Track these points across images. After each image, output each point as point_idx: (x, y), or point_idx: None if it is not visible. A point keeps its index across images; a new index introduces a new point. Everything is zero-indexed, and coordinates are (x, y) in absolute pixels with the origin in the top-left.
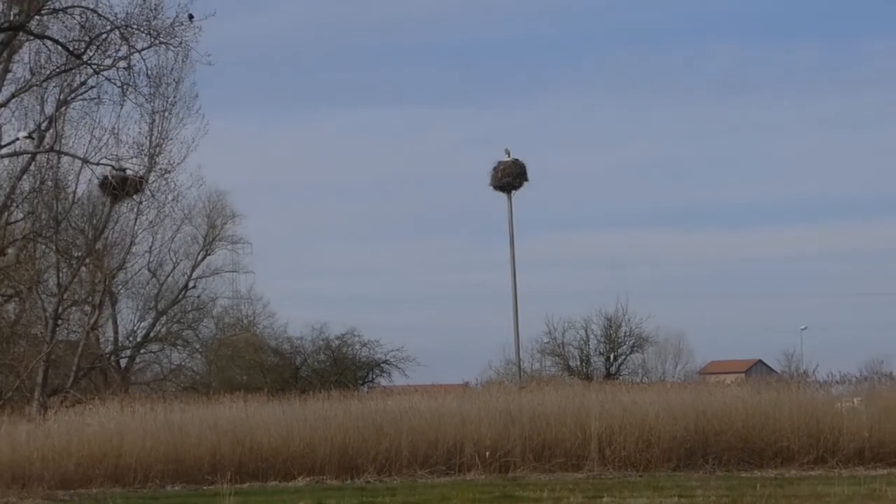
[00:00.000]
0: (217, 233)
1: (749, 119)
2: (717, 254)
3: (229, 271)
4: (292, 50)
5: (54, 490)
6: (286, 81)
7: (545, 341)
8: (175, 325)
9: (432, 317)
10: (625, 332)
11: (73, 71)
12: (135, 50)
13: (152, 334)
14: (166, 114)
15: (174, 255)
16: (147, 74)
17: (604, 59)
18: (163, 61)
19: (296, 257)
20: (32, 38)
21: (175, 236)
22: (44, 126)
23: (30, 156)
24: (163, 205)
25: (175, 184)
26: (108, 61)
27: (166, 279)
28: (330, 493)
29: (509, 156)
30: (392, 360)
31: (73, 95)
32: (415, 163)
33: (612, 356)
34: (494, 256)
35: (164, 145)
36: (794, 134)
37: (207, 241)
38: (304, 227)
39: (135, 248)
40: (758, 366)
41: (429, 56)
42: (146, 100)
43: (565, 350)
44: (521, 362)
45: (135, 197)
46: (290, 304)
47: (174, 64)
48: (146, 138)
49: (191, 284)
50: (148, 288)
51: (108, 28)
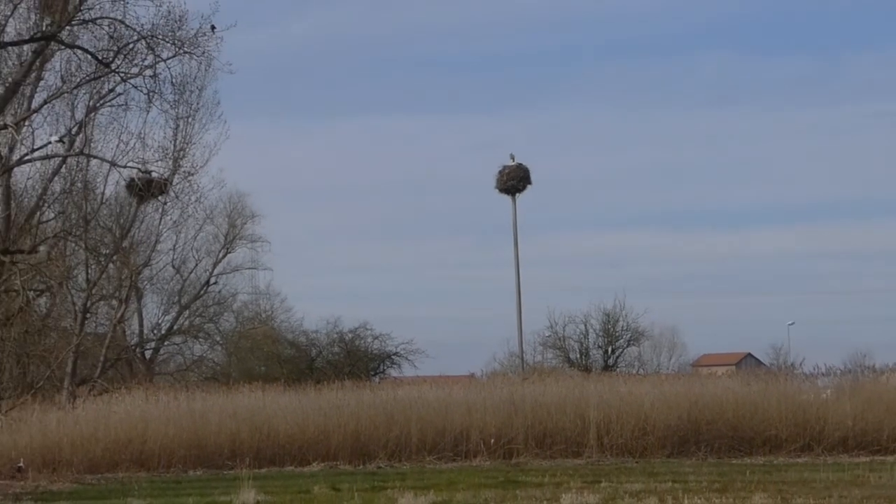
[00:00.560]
0: (237, 232)
1: (738, 126)
2: (709, 253)
3: (249, 268)
4: (309, 60)
5: (82, 474)
6: (303, 90)
7: (547, 335)
8: (197, 318)
9: (440, 312)
10: (622, 327)
11: (102, 79)
12: (160, 59)
13: (175, 327)
14: (190, 119)
15: (196, 252)
16: (172, 82)
17: (603, 70)
18: (186, 70)
19: (312, 255)
20: (64, 47)
21: (197, 235)
22: (74, 131)
23: (61, 159)
24: (186, 205)
25: (198, 186)
26: (134, 70)
27: (189, 275)
28: (343, 478)
29: (514, 160)
30: (402, 352)
31: (101, 102)
32: (424, 166)
33: (609, 349)
34: (499, 255)
35: (187, 149)
36: (780, 140)
37: (228, 240)
38: (319, 227)
39: (159, 246)
40: (747, 359)
41: (437, 66)
42: (171, 106)
43: (566, 343)
44: (523, 355)
45: (160, 198)
46: (306, 300)
47: (197, 72)
48: (171, 143)
49: (212, 280)
50: (172, 284)
51: (135, 38)
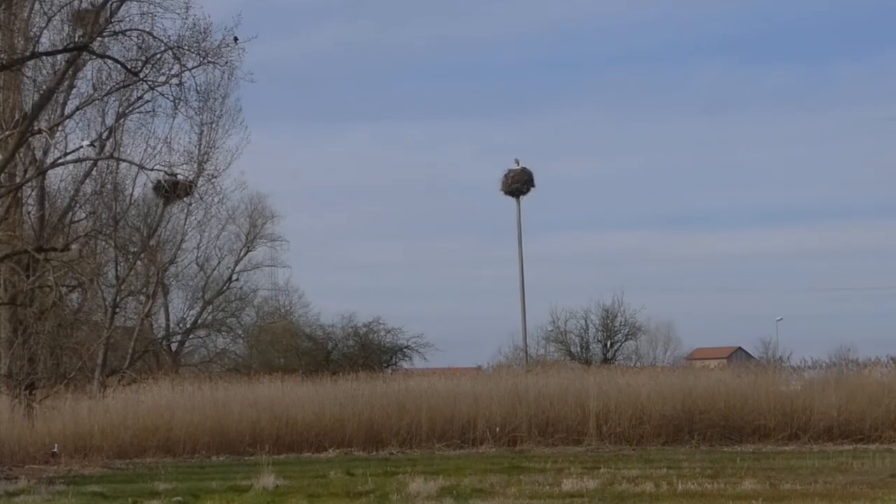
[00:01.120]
0: (258, 231)
1: (731, 133)
2: (702, 253)
3: (268, 266)
4: (326, 69)
5: (112, 459)
6: (320, 97)
7: (549, 329)
8: (220, 313)
9: (449, 307)
10: (620, 322)
11: (131, 87)
12: (186, 68)
13: (200, 321)
14: (213, 125)
15: (219, 251)
16: (196, 90)
17: (602, 80)
18: (211, 78)
19: (328, 254)
20: (95, 57)
21: (220, 234)
22: (104, 136)
23: (92, 162)
24: (210, 206)
25: (221, 188)
26: (161, 78)
27: (212, 272)
28: (357, 464)
29: (518, 165)
30: (413, 345)
31: (130, 109)
32: (434, 170)
33: (608, 343)
34: (504, 254)
35: (211, 153)
36: (768, 146)
37: (249, 239)
38: (335, 226)
39: (184, 245)
40: (738, 352)
41: (447, 76)
42: (195, 113)
43: (567, 337)
44: (527, 348)
45: (185, 199)
46: (323, 295)
47: (221, 81)
48: (195, 147)
49: (234, 277)
50: (196, 280)
51: (162, 49)
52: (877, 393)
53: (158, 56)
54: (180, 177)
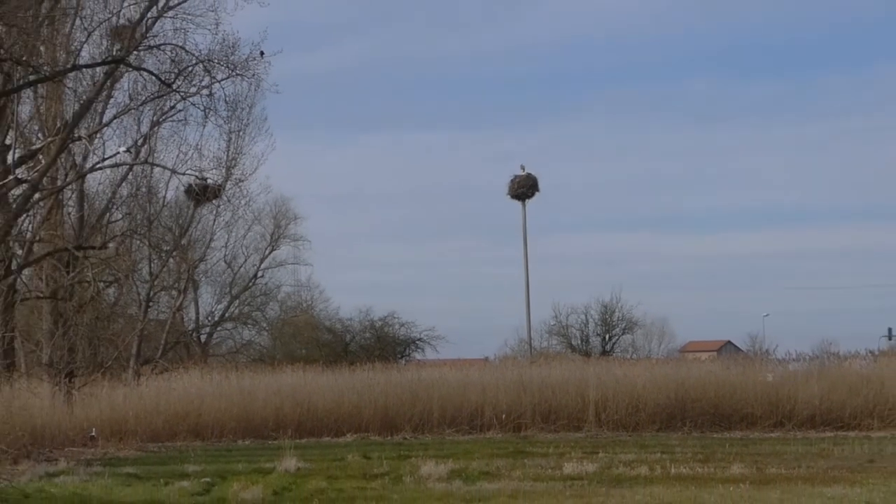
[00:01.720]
0: (282, 232)
1: (721, 141)
2: (695, 252)
3: (291, 263)
4: (346, 81)
5: (146, 443)
6: (340, 107)
7: (552, 324)
8: (246, 307)
9: (458, 303)
10: (618, 317)
11: (164, 97)
12: (215, 80)
13: (227, 315)
14: (241, 133)
15: (246, 249)
16: (225, 100)
17: (602, 92)
18: (238, 90)
19: (347, 253)
20: (131, 69)
21: (247, 234)
22: (139, 142)
23: (128, 167)
24: (237, 208)
25: (247, 191)
26: (193, 89)
27: (239, 269)
28: (373, 447)
29: (524, 171)
30: (425, 338)
31: (163, 117)
32: (445, 176)
33: (607, 336)
34: (510, 253)
35: (238, 159)
36: (757, 154)
37: (273, 239)
38: (354, 227)
39: (213, 244)
40: (727, 346)
41: (457, 87)
42: (224, 121)
43: (568, 331)
44: (531, 341)
45: (214, 202)
46: (342, 291)
47: (248, 92)
48: (224, 153)
49: (259, 274)
50: (224, 276)
51: (193, 62)
52: (856, 384)
53: (190, 69)
54: (210, 181)
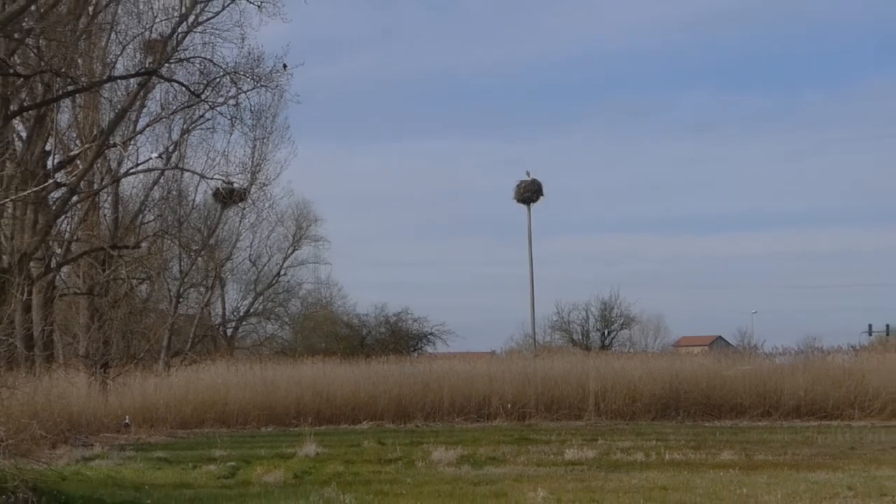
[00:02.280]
0: (303, 233)
1: (712, 150)
2: (689, 253)
3: (312, 262)
4: (363, 91)
5: (175, 429)
6: (358, 116)
7: (554, 319)
8: (269, 303)
9: (467, 300)
10: (616, 314)
11: (194, 107)
12: (241, 91)
13: (252, 310)
14: (265, 140)
15: (269, 249)
16: (251, 110)
17: (603, 103)
18: (263, 100)
19: (364, 252)
20: (163, 81)
21: (270, 235)
22: (170, 149)
23: (159, 172)
24: (261, 211)
25: (271, 194)
26: (220, 100)
27: (263, 268)
28: (388, 434)
29: (529, 176)
30: (436, 332)
31: (193, 125)
32: (456, 180)
33: (606, 332)
34: (516, 253)
35: (262, 165)
36: (746, 162)
37: (295, 239)
38: (370, 229)
39: (239, 244)
40: (718, 340)
41: (467, 98)
42: (249, 129)
43: (570, 326)
44: (535, 336)
45: (240, 204)
46: (359, 289)
47: (272, 102)
48: (249, 159)
49: (282, 272)
50: (249, 274)
51: (221, 74)
52: (839, 377)
53: (218, 80)
54: (236, 185)
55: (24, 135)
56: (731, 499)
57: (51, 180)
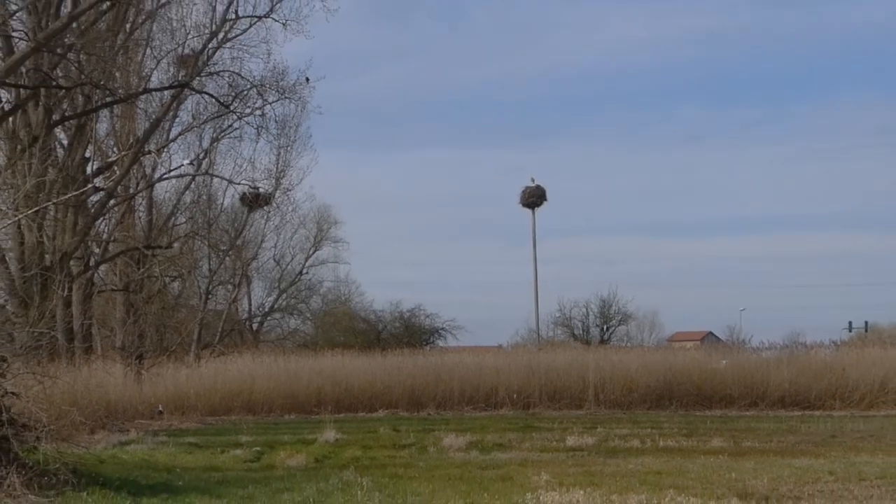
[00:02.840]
0: (324, 234)
1: (704, 159)
2: (682, 254)
3: (332, 262)
4: (379, 103)
5: (204, 416)
6: (375, 126)
7: (557, 316)
8: (292, 300)
9: (476, 297)
10: (614, 310)
11: (223, 117)
12: (267, 102)
13: (276, 306)
14: (289, 148)
15: (292, 249)
16: (275, 120)
17: (602, 115)
18: (287, 111)
19: (380, 252)
20: (194, 93)
21: (293, 236)
22: (201, 156)
23: (191, 177)
24: (285, 214)
25: (294, 199)
26: (247, 110)
27: (286, 267)
28: (402, 422)
29: (534, 183)
30: (447, 327)
31: (222, 134)
32: (465, 186)
33: (605, 327)
34: (522, 255)
35: (286, 171)
36: (736, 170)
37: (317, 240)
38: (386, 231)
39: (264, 244)
40: (709, 336)
41: (476, 110)
42: (274, 138)
43: (571, 322)
44: (539, 331)
45: (265, 208)
46: (375, 286)
47: (295, 113)
48: (274, 166)
49: (304, 271)
50: (273, 273)
51: (248, 87)
52: (821, 370)
53: (245, 92)
54: (261, 190)
55: (65, 142)
56: (721, 483)
57: (90, 185)
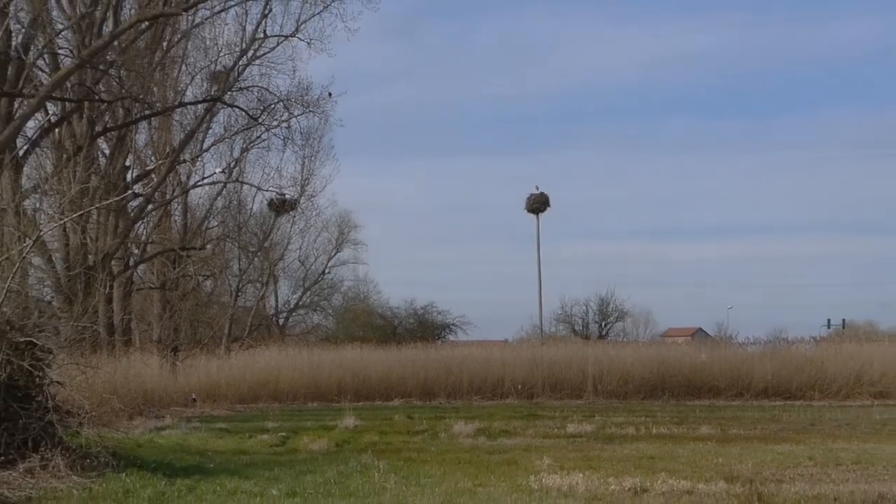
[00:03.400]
0: (344, 237)
1: (696, 168)
2: (674, 256)
3: (352, 263)
4: (395, 116)
5: (234, 404)
6: (391, 137)
7: (559, 313)
8: (315, 297)
9: (484, 296)
10: (612, 308)
11: (252, 129)
12: (293, 115)
13: (300, 303)
14: (312, 158)
15: (316, 251)
16: (300, 132)
17: (602, 127)
18: (311, 123)
19: (396, 254)
20: (226, 106)
21: (316, 239)
22: (232, 165)
23: (222, 184)
24: (309, 218)
25: (317, 204)
26: (275, 123)
27: (310, 267)
28: (415, 410)
29: (538, 190)
30: (457, 323)
31: (251, 145)
32: (475, 193)
33: (603, 323)
34: (527, 256)
35: (310, 179)
36: (725, 179)
37: (338, 243)
38: (402, 234)
39: (290, 246)
40: (699, 332)
41: (484, 122)
42: (299, 148)
43: (572, 319)
44: (542, 326)
45: (290, 213)
46: (392, 285)
47: (318, 125)
48: (299, 174)
49: (326, 271)
50: (298, 272)
51: (275, 101)
52: (801, 363)
53: (273, 106)
54: (287, 196)
55: (107, 152)
56: (709, 467)
57: (129, 191)
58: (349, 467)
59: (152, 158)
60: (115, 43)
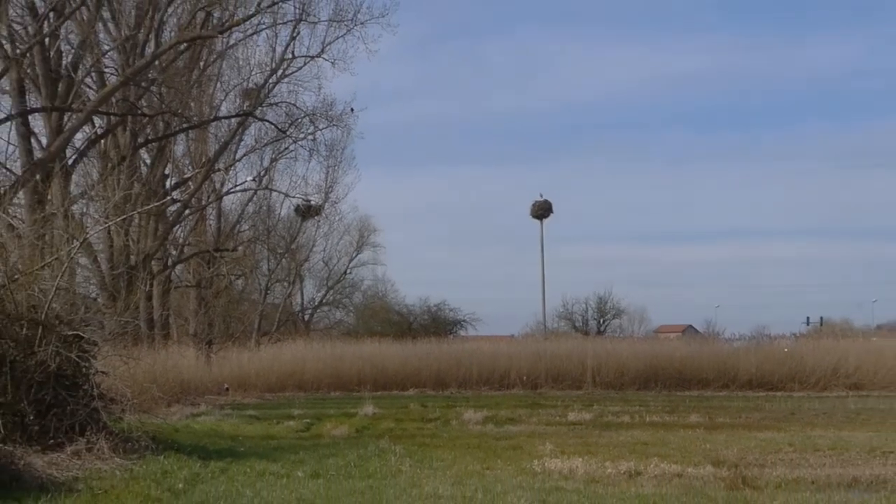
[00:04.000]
0: (364, 240)
1: (688, 177)
2: (667, 259)
3: (371, 264)
4: (411, 130)
5: (263, 393)
6: (408, 148)
7: (561, 310)
8: (338, 295)
9: (492, 294)
10: (609, 306)
11: (280, 141)
12: (318, 129)
13: (324, 301)
14: (336, 168)
15: (338, 253)
16: (325, 144)
17: (602, 139)
18: (335, 136)
19: (411, 255)
20: (257, 120)
21: (339, 242)
22: (262, 174)
23: (253, 191)
24: (332, 222)
25: (340, 210)
26: (301, 136)
27: (333, 267)
28: (429, 399)
29: (542, 197)
30: (468, 319)
31: (279, 155)
32: (484, 199)
33: (601, 321)
34: (531, 258)
35: (334, 187)
36: (715, 188)
37: (358, 245)
38: (417, 237)
39: (315, 248)
40: (689, 328)
41: (491, 134)
42: (324, 159)
43: (573, 316)
44: (545, 323)
45: (315, 218)
46: (408, 284)
47: (341, 138)
48: (323, 182)
49: (348, 271)
50: (322, 272)
51: (302, 115)
52: (783, 358)
53: (299, 120)
54: (313, 202)
55: (148, 161)
56: (698, 452)
57: (168, 197)
58: (368, 451)
59: (189, 167)
60: (157, 62)
